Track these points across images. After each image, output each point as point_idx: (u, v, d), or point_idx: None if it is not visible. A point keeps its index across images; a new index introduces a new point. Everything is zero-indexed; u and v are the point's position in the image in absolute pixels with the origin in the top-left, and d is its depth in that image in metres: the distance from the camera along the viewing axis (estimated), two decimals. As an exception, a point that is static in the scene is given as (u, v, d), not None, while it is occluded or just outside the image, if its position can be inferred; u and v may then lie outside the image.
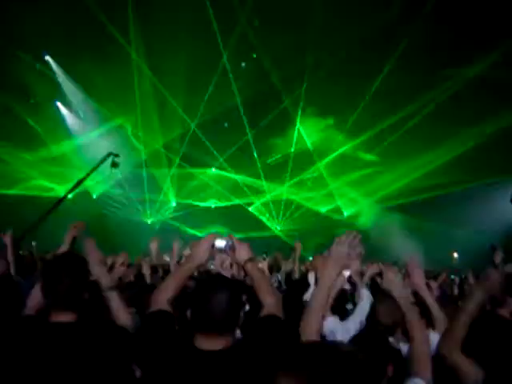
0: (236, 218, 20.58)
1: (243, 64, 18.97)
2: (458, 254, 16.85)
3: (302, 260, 7.17)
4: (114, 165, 15.36)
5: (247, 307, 2.33)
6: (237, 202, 22.17)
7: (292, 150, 20.93)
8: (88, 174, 13.80)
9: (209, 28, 16.54)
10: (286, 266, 6.47)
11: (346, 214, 21.94)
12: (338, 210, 22.00)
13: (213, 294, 1.86)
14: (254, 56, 18.24)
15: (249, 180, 21.80)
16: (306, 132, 20.60)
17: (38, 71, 17.26)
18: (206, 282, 2.00)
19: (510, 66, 14.60)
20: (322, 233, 18.88)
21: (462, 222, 16.84)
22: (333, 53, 16.97)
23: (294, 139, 20.75)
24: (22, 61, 16.40)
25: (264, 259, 6.76)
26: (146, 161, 20.90)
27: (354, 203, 21.46)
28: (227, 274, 4.86)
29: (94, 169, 14.69)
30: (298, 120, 20.17)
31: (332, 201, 21.84)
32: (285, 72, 17.87)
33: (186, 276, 2.16)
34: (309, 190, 21.92)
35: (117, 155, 14.58)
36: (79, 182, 14.24)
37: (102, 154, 16.97)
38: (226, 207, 22.14)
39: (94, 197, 21.03)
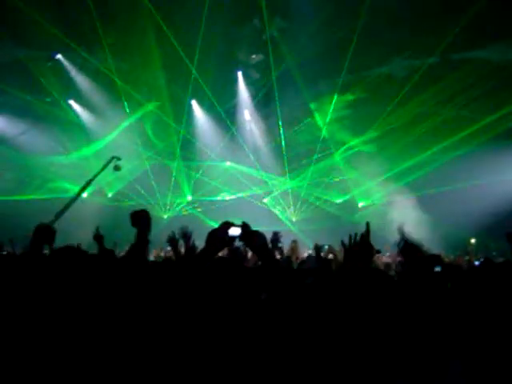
0: (251, 211, 20.64)
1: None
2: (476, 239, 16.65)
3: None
4: (117, 168, 15.77)
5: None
6: (251, 192, 22.17)
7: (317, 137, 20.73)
8: (91, 180, 14.12)
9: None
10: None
11: (361, 204, 21.75)
12: (352, 201, 21.84)
13: None
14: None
15: (263, 174, 21.80)
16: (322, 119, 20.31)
17: (50, 70, 17.38)
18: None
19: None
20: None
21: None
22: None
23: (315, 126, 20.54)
24: (32, 60, 16.57)
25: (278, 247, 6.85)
26: (160, 154, 21.00)
27: (369, 194, 21.29)
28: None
29: (98, 173, 15.00)
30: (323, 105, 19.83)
31: (347, 191, 21.72)
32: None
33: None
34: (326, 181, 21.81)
35: (119, 159, 14.92)
36: (83, 188, 14.51)
37: (117, 150, 17.14)
38: (240, 200, 22.16)
39: (110, 195, 21.27)
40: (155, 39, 16.48)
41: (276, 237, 6.25)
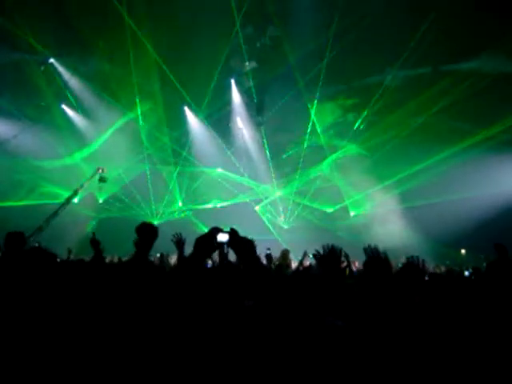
0: (241, 218, 20.63)
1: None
2: (466, 250, 16.77)
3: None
4: (102, 179, 15.80)
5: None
6: (242, 200, 22.17)
7: (305, 145, 20.71)
8: (77, 190, 14.02)
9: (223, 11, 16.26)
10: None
11: (352, 214, 21.77)
12: (344, 209, 21.86)
13: None
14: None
15: (252, 182, 21.82)
16: (319, 124, 20.24)
17: (43, 74, 17.34)
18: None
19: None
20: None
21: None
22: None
23: (307, 133, 20.47)
24: (26, 65, 16.53)
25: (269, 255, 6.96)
26: (152, 160, 21.00)
27: (361, 203, 21.29)
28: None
29: (84, 184, 14.87)
30: (313, 112, 19.72)
31: (340, 200, 21.73)
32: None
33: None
34: (316, 189, 21.84)
35: (104, 170, 14.90)
36: (70, 197, 14.43)
37: (111, 152, 16.96)
38: (230, 207, 22.14)
39: (101, 201, 21.15)
40: (148, 45, 16.51)
41: (269, 256, 6.38)
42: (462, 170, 16.57)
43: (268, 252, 7.10)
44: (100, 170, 16.49)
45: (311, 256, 7.71)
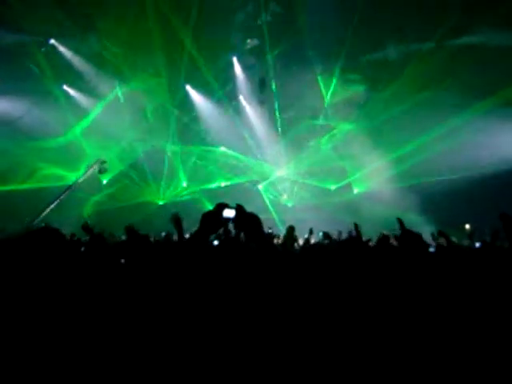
0: (245, 197, 20.68)
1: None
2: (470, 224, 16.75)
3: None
4: (101, 171, 15.77)
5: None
6: (245, 180, 22.17)
7: (310, 122, 20.57)
8: (72, 185, 14.06)
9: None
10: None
11: (356, 191, 21.73)
12: (348, 187, 21.82)
13: None
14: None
15: (256, 161, 21.76)
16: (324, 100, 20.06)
17: (44, 55, 17.18)
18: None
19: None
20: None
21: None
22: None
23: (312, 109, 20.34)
24: (25, 47, 16.37)
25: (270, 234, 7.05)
26: (156, 137, 20.87)
27: (365, 180, 21.22)
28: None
29: (81, 178, 14.89)
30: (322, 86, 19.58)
31: (344, 177, 21.69)
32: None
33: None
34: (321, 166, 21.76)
35: (105, 161, 14.90)
36: (67, 189, 14.50)
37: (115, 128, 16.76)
38: (235, 186, 22.16)
39: (104, 182, 21.19)
40: (150, 23, 16.33)
41: (271, 235, 6.42)
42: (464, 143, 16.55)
43: (270, 231, 7.15)
44: (98, 164, 16.41)
45: (321, 234, 7.78)
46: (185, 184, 22.34)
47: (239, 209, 2.25)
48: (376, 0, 15.28)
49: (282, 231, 14.59)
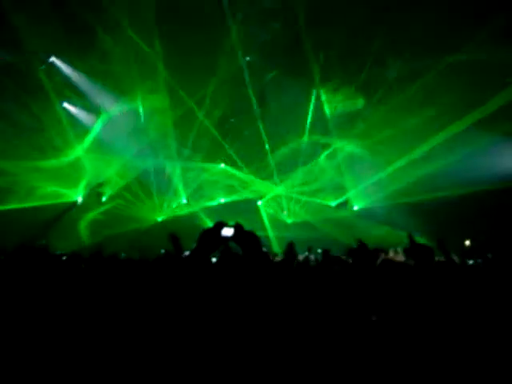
0: (245, 214, 20.67)
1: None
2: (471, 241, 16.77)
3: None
4: (99, 195, 15.71)
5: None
6: (245, 197, 22.15)
7: (305, 138, 20.63)
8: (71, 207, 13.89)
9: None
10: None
11: (355, 207, 21.70)
12: (347, 203, 21.77)
13: None
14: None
15: (255, 178, 21.76)
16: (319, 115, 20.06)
17: (44, 73, 17.28)
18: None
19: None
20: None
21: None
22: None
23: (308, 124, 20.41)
24: (25, 64, 16.47)
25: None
26: (156, 155, 20.87)
27: (364, 196, 21.21)
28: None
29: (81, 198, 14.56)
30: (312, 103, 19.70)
31: (342, 193, 21.67)
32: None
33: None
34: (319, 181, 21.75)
35: (101, 184, 14.80)
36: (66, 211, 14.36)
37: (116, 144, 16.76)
38: (234, 203, 22.13)
39: (104, 199, 21.14)
40: (152, 38, 16.57)
41: (291, 248, 6.41)
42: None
43: (264, 250, 7.13)
44: (95, 190, 16.38)
45: (319, 251, 7.80)
46: (185, 200, 22.31)
47: (238, 227, 2.27)
48: (376, 16, 15.43)
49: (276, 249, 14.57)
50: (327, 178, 21.49)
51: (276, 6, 16.47)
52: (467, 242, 16.71)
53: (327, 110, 19.66)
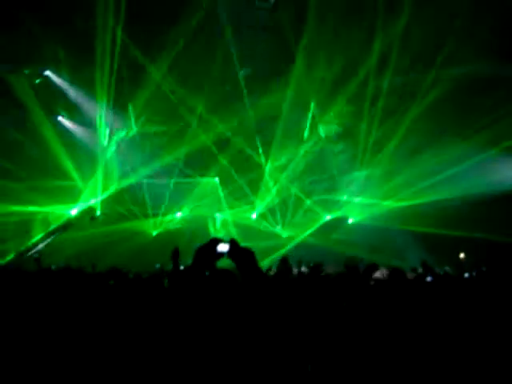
0: (241, 228, 20.63)
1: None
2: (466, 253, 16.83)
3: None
4: (93, 218, 15.68)
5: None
6: (239, 210, 22.05)
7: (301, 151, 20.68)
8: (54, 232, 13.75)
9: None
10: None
11: (351, 220, 21.67)
12: (343, 217, 21.76)
13: None
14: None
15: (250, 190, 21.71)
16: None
17: (38, 88, 17.27)
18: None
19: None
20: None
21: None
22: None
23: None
24: (19, 78, 16.45)
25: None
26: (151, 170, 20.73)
27: (360, 209, 21.21)
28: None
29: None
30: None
31: (339, 206, 21.65)
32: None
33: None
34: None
35: (95, 209, 14.66)
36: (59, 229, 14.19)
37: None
38: (229, 216, 22.08)
39: (98, 214, 20.97)
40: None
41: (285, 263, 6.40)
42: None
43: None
44: (89, 212, 16.29)
45: (311, 265, 7.82)
46: (179, 214, 22.16)
47: (233, 243, 2.28)
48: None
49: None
50: (322, 190, 21.52)
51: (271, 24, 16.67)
52: (462, 255, 16.77)
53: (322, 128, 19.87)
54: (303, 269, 8.11)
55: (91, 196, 19.34)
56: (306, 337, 2.12)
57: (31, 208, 18.22)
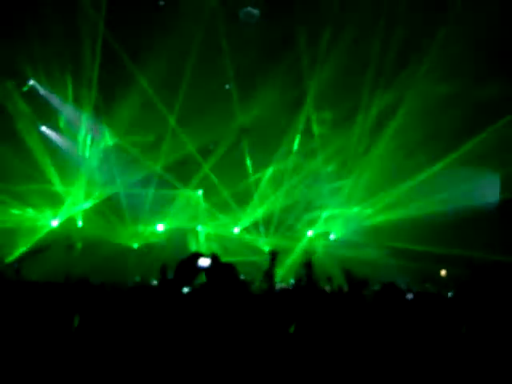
0: (223, 241, 20.48)
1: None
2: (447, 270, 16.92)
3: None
4: (70, 248, 15.60)
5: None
6: (223, 222, 21.89)
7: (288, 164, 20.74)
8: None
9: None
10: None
11: (332, 236, 21.67)
12: (325, 234, 21.75)
13: None
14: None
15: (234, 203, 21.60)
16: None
17: (23, 96, 17.10)
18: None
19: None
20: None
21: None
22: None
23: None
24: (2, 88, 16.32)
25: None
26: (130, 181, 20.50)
27: (342, 224, 21.22)
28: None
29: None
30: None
31: (321, 223, 21.64)
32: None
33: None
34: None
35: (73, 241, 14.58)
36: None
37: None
38: (212, 230, 21.91)
39: (80, 225, 20.65)
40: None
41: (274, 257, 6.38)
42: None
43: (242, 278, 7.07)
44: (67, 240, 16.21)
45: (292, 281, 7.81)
46: (160, 227, 21.78)
47: (214, 258, 2.25)
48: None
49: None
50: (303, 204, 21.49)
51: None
52: (443, 272, 16.83)
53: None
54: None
55: (73, 205, 19.16)
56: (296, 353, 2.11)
57: (14, 215, 18.11)
